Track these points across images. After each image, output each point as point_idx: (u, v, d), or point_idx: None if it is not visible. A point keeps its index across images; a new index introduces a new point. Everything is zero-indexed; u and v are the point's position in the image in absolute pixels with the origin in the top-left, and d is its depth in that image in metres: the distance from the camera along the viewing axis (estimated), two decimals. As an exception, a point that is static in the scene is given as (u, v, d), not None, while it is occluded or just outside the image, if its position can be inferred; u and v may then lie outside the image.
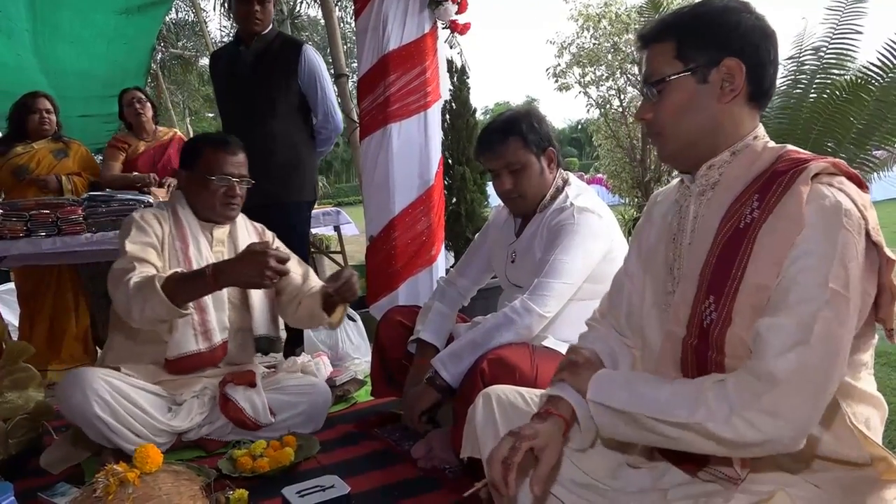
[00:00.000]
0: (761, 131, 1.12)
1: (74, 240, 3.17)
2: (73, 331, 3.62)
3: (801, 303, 0.95)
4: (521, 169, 1.92)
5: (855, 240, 0.95)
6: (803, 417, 0.94)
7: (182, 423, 2.14)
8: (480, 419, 1.39)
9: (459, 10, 2.89)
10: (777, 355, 0.94)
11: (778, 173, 1.03)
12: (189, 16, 13.14)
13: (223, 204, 2.22)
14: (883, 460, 1.03)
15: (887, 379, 3.00)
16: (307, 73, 2.99)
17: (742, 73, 1.06)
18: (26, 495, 1.89)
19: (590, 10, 8.69)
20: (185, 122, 17.59)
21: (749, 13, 1.08)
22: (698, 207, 1.15)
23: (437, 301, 2.19)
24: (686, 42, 1.09)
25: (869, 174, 2.67)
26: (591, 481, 1.28)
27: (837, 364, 0.94)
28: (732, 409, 0.95)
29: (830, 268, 0.94)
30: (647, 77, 1.15)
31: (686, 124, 1.11)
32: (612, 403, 1.10)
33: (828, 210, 0.96)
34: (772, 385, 0.93)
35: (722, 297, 1.03)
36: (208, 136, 2.29)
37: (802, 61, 2.72)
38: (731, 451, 1.00)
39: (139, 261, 2.01)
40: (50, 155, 3.56)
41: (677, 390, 1.04)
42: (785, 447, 0.96)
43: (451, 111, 3.79)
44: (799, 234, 0.96)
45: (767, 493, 1.01)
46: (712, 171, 1.13)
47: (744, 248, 1.02)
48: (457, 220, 3.71)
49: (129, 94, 3.78)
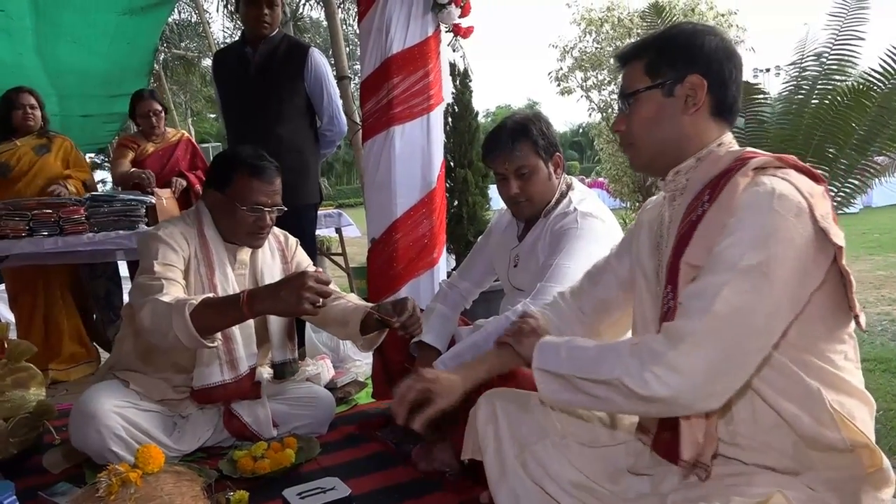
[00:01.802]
0: (727, 139, 1.20)
1: (77, 240, 3.17)
2: (67, 330, 3.59)
3: (714, 273, 1.03)
4: (529, 174, 1.92)
5: (789, 222, 1.01)
6: (702, 376, 1.01)
7: (189, 447, 2.13)
8: (482, 422, 1.40)
9: (463, 14, 2.90)
10: (684, 317, 1.04)
11: (728, 171, 1.11)
12: (192, 17, 13.17)
13: (250, 233, 2.07)
14: (865, 447, 1.06)
15: (888, 385, 3.00)
16: (313, 76, 3.00)
17: (704, 88, 1.16)
18: (27, 494, 1.89)
19: (592, 14, 8.71)
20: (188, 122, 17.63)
21: (714, 35, 1.19)
22: (671, 213, 1.23)
23: (439, 303, 2.19)
24: (656, 60, 1.19)
25: (870, 180, 2.66)
26: (589, 483, 1.30)
27: (751, 335, 1.01)
28: (643, 364, 1.04)
29: (748, 245, 1.01)
30: (621, 91, 1.26)
31: (655, 135, 1.21)
32: (554, 369, 1.19)
33: (759, 195, 1.04)
34: (677, 342, 1.02)
35: (676, 286, 1.12)
36: (243, 158, 2.04)
37: (804, 67, 2.72)
38: (646, 407, 1.08)
39: (168, 280, 1.87)
40: (31, 151, 3.51)
41: (602, 349, 1.14)
42: (690, 406, 1.04)
43: (454, 114, 3.78)
44: (730, 219, 1.04)
45: (764, 496, 1.03)
46: (679, 176, 1.21)
47: (692, 238, 1.11)
48: (458, 223, 3.71)
49: (145, 105, 3.73)
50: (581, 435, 1.37)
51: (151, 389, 2.13)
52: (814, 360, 1.08)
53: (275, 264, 2.25)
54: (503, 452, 1.36)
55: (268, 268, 2.22)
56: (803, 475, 1.09)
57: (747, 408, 1.12)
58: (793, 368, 1.07)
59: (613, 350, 1.12)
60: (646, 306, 1.29)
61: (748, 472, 1.12)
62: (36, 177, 3.51)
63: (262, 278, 2.18)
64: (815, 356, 1.08)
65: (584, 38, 8.89)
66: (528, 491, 1.32)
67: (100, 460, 1.92)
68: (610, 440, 1.37)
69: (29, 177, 3.49)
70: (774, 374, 1.08)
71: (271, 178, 2.04)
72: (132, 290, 1.93)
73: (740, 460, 1.15)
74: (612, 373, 1.08)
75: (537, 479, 1.32)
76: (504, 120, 2.01)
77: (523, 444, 1.35)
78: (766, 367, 1.07)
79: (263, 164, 2.04)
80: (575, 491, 1.30)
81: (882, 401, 2.79)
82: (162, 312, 1.73)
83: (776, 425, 1.10)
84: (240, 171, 2.02)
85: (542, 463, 1.32)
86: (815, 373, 1.07)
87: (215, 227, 2.10)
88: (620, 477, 1.30)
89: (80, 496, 1.41)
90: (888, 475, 1.08)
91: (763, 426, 1.11)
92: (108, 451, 1.92)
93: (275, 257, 2.26)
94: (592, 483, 1.30)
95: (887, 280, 5.70)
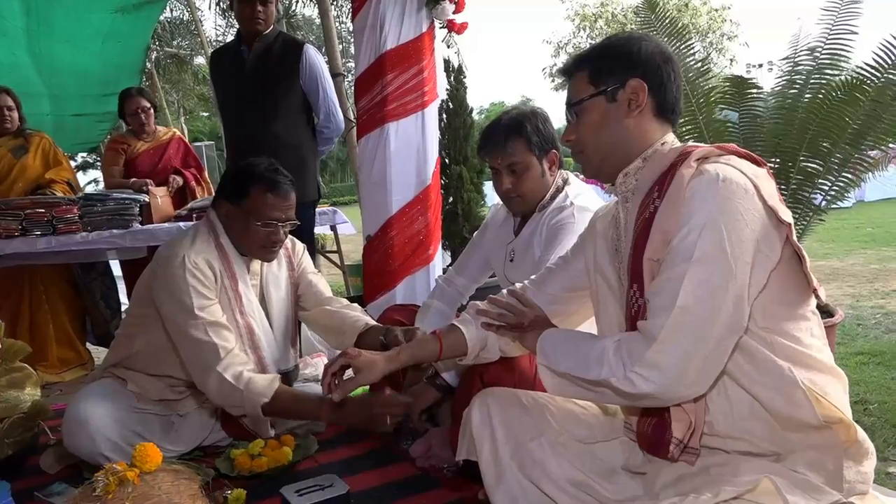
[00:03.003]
0: (670, 138, 1.25)
1: (70, 239, 3.15)
2: (53, 334, 3.50)
3: (672, 267, 1.07)
4: (522, 170, 1.92)
5: (738, 203, 1.05)
6: (682, 368, 1.05)
7: (187, 447, 2.12)
8: (476, 421, 1.41)
9: (457, 10, 2.90)
10: (654, 315, 1.08)
11: (673, 165, 1.15)
12: (184, 14, 13.09)
13: (262, 248, 2.06)
14: (840, 423, 1.09)
15: (881, 378, 3.02)
16: (309, 73, 2.99)
17: (645, 91, 1.21)
18: (23, 495, 1.89)
19: (586, 10, 8.73)
20: (180, 121, 17.56)
21: (649, 41, 1.25)
22: (625, 214, 1.27)
23: (436, 300, 2.19)
24: (597, 68, 1.25)
25: (864, 174, 2.68)
26: (586, 480, 1.31)
27: (719, 320, 1.04)
28: (626, 366, 1.09)
29: (701, 232, 1.05)
30: (567, 102, 1.30)
31: (602, 139, 1.26)
32: (553, 367, 1.24)
33: (704, 182, 1.08)
34: (651, 341, 1.07)
35: (641, 283, 1.16)
36: (260, 172, 2.01)
37: (798, 62, 2.73)
38: (635, 403, 1.16)
39: (213, 327, 1.89)
40: (9, 154, 3.43)
41: (589, 350, 1.18)
42: (677, 396, 1.09)
43: (448, 110, 3.79)
44: (682, 209, 1.08)
45: (752, 483, 1.04)
46: (628, 178, 1.26)
47: (649, 235, 1.14)
48: (454, 220, 3.71)
49: (133, 103, 3.67)
50: (576, 432, 1.37)
51: (150, 389, 2.11)
52: (781, 341, 1.10)
53: (281, 274, 2.24)
54: (499, 453, 1.36)
55: (273, 277, 2.21)
56: (786, 459, 1.11)
57: (721, 395, 1.14)
58: (762, 350, 1.09)
59: (600, 349, 1.15)
60: (610, 309, 1.32)
61: (732, 460, 1.14)
62: (16, 181, 3.43)
63: (268, 288, 2.19)
64: (782, 336, 1.10)
65: (578, 34, 8.92)
66: (526, 491, 1.33)
67: (91, 462, 1.91)
68: (605, 436, 1.37)
69: (8, 182, 3.42)
70: (744, 358, 1.11)
71: (286, 192, 2.03)
72: (182, 339, 1.92)
73: (722, 449, 1.16)
74: (599, 374, 1.13)
75: (534, 478, 1.33)
76: (501, 114, 2.01)
77: (519, 442, 1.36)
78: (735, 351, 1.09)
79: (279, 179, 2.02)
80: (572, 489, 1.31)
81: (876, 393, 2.80)
82: (230, 393, 1.85)
83: (751, 410, 1.12)
84: (256, 185, 2.00)
85: (538, 462, 1.33)
86: (784, 352, 1.10)
87: (228, 238, 2.09)
88: (615, 476, 1.32)
89: (76, 496, 1.40)
90: (866, 446, 1.10)
91: (739, 412, 1.13)
92: (100, 457, 1.90)
93: (281, 267, 2.25)
94: (589, 479, 1.31)
95: (880, 273, 5.74)
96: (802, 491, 1.03)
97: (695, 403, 1.13)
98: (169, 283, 1.94)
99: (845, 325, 3.94)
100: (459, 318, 1.52)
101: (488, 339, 1.48)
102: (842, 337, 3.71)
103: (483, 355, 1.50)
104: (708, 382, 1.09)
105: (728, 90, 2.80)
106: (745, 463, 1.12)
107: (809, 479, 1.07)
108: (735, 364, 1.11)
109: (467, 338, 1.47)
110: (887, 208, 11.20)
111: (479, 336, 1.47)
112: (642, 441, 1.24)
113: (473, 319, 1.48)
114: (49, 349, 3.49)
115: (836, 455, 1.09)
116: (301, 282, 2.29)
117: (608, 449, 1.35)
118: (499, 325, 1.44)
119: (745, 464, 1.12)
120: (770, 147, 2.66)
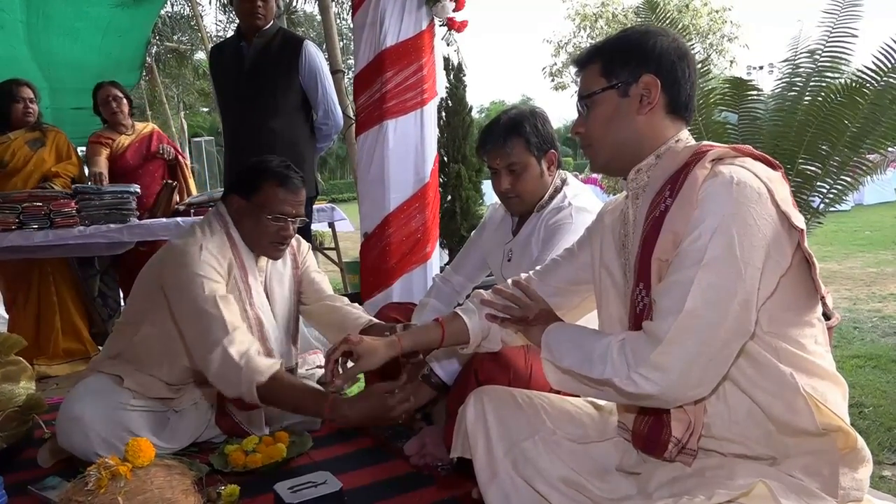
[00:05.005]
0: (684, 135, 1.22)
1: (67, 233, 3.15)
2: (60, 326, 3.54)
3: (682, 269, 1.06)
4: (520, 170, 1.92)
5: (751, 208, 1.04)
6: (686, 371, 1.04)
7: (181, 444, 2.11)
8: (471, 419, 1.41)
9: (457, 8, 2.89)
10: (661, 317, 1.06)
11: (686, 164, 1.13)
12: (185, 9, 13.06)
13: (272, 242, 2.08)
14: (839, 430, 1.08)
15: (877, 381, 3.02)
16: (308, 69, 2.98)
17: (658, 87, 1.19)
18: (17, 489, 1.88)
19: (587, 9, 8.72)
20: (180, 116, 17.53)
21: (666, 36, 1.22)
22: (635, 211, 1.25)
23: (432, 298, 2.19)
24: (611, 62, 1.22)
25: (862, 177, 2.67)
26: (579, 479, 1.31)
27: (726, 324, 1.03)
28: (629, 367, 1.08)
29: (713, 235, 1.03)
30: (579, 94, 1.28)
31: (612, 134, 1.23)
32: (557, 362, 1.22)
33: (718, 184, 1.06)
34: (656, 343, 1.05)
35: (648, 283, 1.14)
36: (270, 167, 2.06)
37: (797, 64, 2.72)
38: (637, 402, 1.15)
39: (224, 302, 1.89)
40: (26, 146, 3.47)
41: (593, 347, 1.16)
42: (679, 398, 1.09)
43: (447, 109, 3.79)
44: (694, 211, 1.06)
45: (746, 487, 1.04)
46: (640, 174, 1.24)
47: (659, 234, 1.12)
48: (452, 218, 3.72)
49: (104, 91, 3.71)
50: (571, 431, 1.37)
51: (147, 387, 2.10)
52: (785, 346, 1.09)
53: (285, 271, 2.25)
54: (493, 451, 1.36)
55: (277, 274, 2.22)
56: (781, 463, 1.11)
57: (720, 398, 1.14)
58: (765, 355, 1.09)
59: (605, 347, 1.13)
60: (612, 305, 1.31)
61: (727, 463, 1.14)
62: (33, 173, 3.48)
63: (272, 284, 2.20)
64: (787, 341, 1.10)
65: (578, 34, 8.91)
66: (519, 490, 1.33)
67: (85, 459, 1.90)
68: (599, 436, 1.37)
69: (25, 173, 3.46)
70: (747, 362, 1.10)
71: (297, 188, 2.08)
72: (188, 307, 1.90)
73: (718, 451, 1.16)
74: (602, 373, 1.11)
75: (527, 477, 1.33)
76: (500, 114, 2.00)
77: (513, 441, 1.36)
78: (739, 355, 1.09)
79: (290, 175, 2.07)
80: (564, 488, 1.31)
81: (872, 397, 2.80)
82: (230, 371, 1.80)
83: (749, 413, 1.12)
84: (267, 180, 2.04)
85: (531, 460, 1.33)
86: (787, 358, 1.09)
87: (238, 232, 2.10)
88: (608, 476, 1.32)
89: (69, 490, 1.39)
90: (863, 454, 1.10)
91: (737, 415, 1.13)
92: (93, 455, 1.88)
93: (286, 264, 2.26)
94: (582, 479, 1.30)
95: (878, 277, 5.74)
96: (797, 495, 1.03)
97: (695, 405, 1.13)
98: (184, 268, 1.93)
99: (842, 328, 3.94)
100: (462, 307, 1.50)
101: (491, 329, 1.47)
102: (838, 340, 3.71)
103: (485, 345, 1.49)
104: (711, 385, 1.08)
105: (728, 91, 2.80)
106: (741, 466, 1.12)
107: (804, 485, 1.07)
108: (737, 367, 1.10)
109: (469, 327, 1.46)
110: (885, 212, 11.21)
111: (481, 326, 1.46)
112: (638, 440, 1.24)
113: (477, 309, 1.47)
114: (53, 341, 3.52)
115: (833, 461, 1.08)
116: (304, 279, 2.31)
117: (602, 449, 1.35)
118: (503, 318, 1.43)
119: (741, 467, 1.12)
120: (769, 149, 2.65)
